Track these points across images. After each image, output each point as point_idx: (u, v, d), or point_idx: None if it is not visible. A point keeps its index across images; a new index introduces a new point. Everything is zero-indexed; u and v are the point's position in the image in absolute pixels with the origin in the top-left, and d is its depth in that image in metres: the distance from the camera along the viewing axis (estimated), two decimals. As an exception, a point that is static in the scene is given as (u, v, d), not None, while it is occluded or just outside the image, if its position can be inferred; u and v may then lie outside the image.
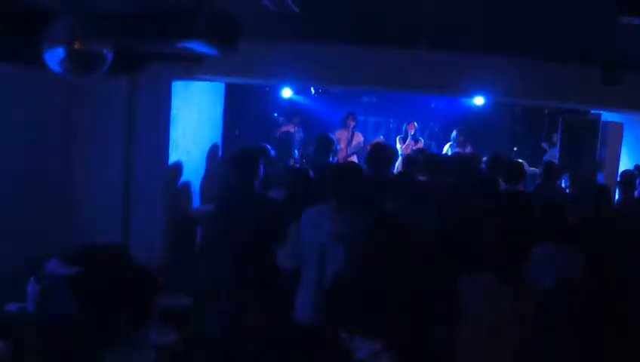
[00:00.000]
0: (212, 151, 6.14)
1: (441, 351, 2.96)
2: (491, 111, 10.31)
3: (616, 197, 5.40)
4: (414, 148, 9.11)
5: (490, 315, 2.92)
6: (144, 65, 5.00)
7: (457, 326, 2.95)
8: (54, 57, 3.43)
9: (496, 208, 4.44)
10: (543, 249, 3.51)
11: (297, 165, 6.00)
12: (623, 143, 7.27)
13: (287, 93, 9.22)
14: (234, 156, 4.58)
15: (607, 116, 7.52)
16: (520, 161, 6.22)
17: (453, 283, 3.06)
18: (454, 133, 8.74)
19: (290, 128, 8.78)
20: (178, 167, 5.37)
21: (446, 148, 8.82)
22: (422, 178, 5.37)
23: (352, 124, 8.80)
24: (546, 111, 9.90)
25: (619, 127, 7.34)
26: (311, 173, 4.69)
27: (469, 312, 2.95)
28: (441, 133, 10.74)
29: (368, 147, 8.56)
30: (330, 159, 5.87)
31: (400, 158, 7.25)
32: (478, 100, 7.66)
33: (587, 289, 2.89)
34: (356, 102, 11.37)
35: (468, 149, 8.22)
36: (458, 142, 8.53)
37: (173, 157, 5.25)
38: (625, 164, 6.84)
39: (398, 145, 8.96)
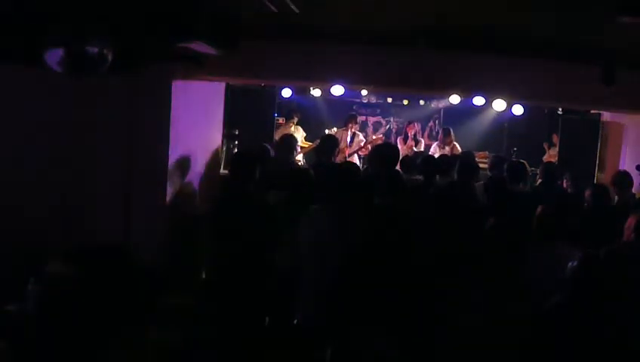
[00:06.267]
0: (212, 152, 6.14)
1: (441, 347, 2.97)
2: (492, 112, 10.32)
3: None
4: (415, 148, 9.15)
5: (489, 315, 2.92)
6: (144, 65, 5.00)
7: (457, 325, 2.96)
8: (54, 57, 3.42)
9: (497, 208, 4.45)
10: (542, 249, 3.51)
11: (297, 165, 6.00)
12: (623, 143, 7.27)
13: (287, 93, 9.23)
14: (231, 159, 4.61)
15: (607, 116, 7.52)
16: (521, 160, 6.22)
17: (453, 282, 3.06)
18: (440, 133, 8.83)
19: (291, 128, 8.78)
20: (178, 167, 5.37)
21: (433, 148, 8.87)
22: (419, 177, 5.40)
23: (353, 124, 8.80)
24: (546, 111, 9.89)
25: (619, 127, 7.34)
26: (311, 172, 4.69)
27: (468, 311, 2.95)
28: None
29: (370, 147, 8.60)
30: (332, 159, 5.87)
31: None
32: (479, 100, 7.67)
33: (595, 290, 2.88)
34: (356, 102, 11.37)
35: (456, 149, 8.28)
36: (445, 142, 8.58)
37: (173, 158, 5.24)
38: (625, 164, 6.83)
39: (399, 146, 8.98)
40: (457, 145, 8.62)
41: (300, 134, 8.87)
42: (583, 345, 2.76)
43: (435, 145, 8.99)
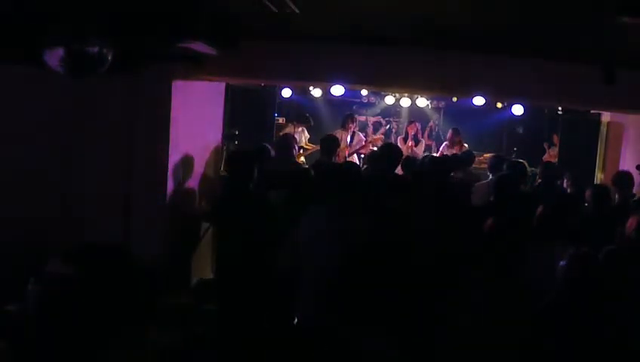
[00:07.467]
0: (212, 152, 6.13)
1: (441, 347, 2.97)
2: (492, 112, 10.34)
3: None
4: (415, 148, 9.16)
5: (489, 315, 2.93)
6: (144, 65, 5.00)
7: (457, 324, 2.96)
8: (54, 57, 3.43)
9: (497, 208, 4.45)
10: (542, 249, 3.51)
11: (298, 165, 6.00)
12: (623, 143, 7.27)
13: (287, 93, 9.22)
14: (228, 158, 4.63)
15: (607, 116, 7.52)
16: (521, 160, 6.23)
17: (453, 282, 3.06)
18: (449, 132, 8.83)
19: (292, 129, 8.78)
20: (178, 167, 5.37)
21: (442, 148, 8.88)
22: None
23: (353, 124, 8.81)
24: (546, 111, 9.90)
25: (619, 127, 7.35)
26: (311, 172, 4.70)
27: (468, 311, 2.95)
28: (441, 134, 10.73)
29: (370, 147, 8.61)
30: (332, 159, 5.88)
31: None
32: (479, 100, 7.68)
33: (587, 288, 2.89)
34: (356, 102, 11.36)
35: (464, 149, 8.28)
36: (454, 142, 8.59)
37: (173, 158, 5.24)
38: (625, 163, 6.83)
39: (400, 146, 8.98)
40: (466, 145, 8.63)
41: (304, 136, 8.88)
42: (583, 345, 2.76)
43: (444, 144, 9.00)
